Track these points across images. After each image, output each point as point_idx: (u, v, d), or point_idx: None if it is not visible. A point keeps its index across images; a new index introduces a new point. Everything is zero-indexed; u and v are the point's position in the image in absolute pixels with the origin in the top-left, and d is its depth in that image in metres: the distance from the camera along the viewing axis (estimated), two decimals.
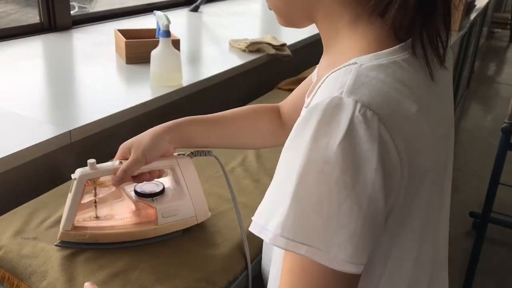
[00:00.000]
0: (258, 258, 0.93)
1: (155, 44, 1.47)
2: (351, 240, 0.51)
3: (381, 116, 0.51)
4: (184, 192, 0.91)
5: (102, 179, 0.88)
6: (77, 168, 0.86)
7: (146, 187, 0.93)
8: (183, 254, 0.88)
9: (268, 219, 0.53)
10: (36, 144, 1.07)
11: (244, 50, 1.86)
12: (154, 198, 0.91)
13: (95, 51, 1.78)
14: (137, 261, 0.85)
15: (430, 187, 0.59)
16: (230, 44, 1.94)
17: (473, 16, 3.34)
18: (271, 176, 0.56)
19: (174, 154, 0.91)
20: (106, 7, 2.28)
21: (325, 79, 0.58)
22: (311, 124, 0.52)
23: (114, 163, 0.86)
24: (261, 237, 0.54)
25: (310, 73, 0.97)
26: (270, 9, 0.69)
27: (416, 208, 0.58)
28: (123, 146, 0.88)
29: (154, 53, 1.46)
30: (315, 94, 0.60)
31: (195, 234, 0.94)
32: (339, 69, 0.57)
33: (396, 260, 0.60)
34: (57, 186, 1.06)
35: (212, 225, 0.97)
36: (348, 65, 0.56)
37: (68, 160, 1.21)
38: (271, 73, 1.98)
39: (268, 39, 1.92)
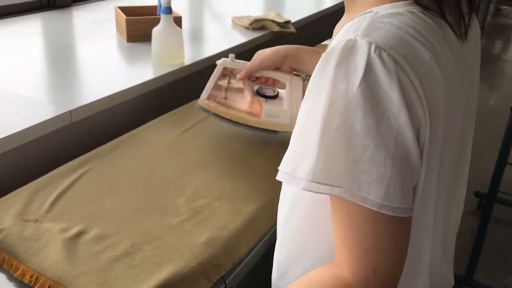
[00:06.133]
0: None
1: (156, 22, 1.44)
2: (381, 181, 0.52)
3: (395, 57, 0.52)
4: (287, 104, 1.11)
5: (236, 71, 1.13)
6: (78, 149, 0.84)
7: (265, 90, 1.15)
8: (193, 232, 0.87)
9: (296, 167, 0.55)
10: (36, 125, 1.05)
11: (247, 28, 1.82)
12: (267, 99, 1.13)
13: (95, 29, 1.75)
14: (141, 244, 0.84)
15: (449, 134, 0.60)
16: (233, 21, 1.90)
17: None
18: None
19: (293, 73, 1.09)
20: None
21: (339, 30, 0.60)
22: (328, 69, 0.53)
23: (246, 62, 1.11)
24: (291, 184, 0.56)
25: None
26: None
27: (437, 152, 0.59)
28: (257, 53, 1.09)
29: (155, 30, 1.43)
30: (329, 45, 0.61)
31: None
32: (353, 18, 0.58)
33: (425, 202, 0.61)
34: (57, 167, 1.04)
35: None
36: (363, 14, 0.57)
37: (68, 141, 1.19)
38: None
39: (272, 16, 1.88)
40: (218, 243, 0.85)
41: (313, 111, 0.54)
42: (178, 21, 1.61)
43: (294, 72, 1.09)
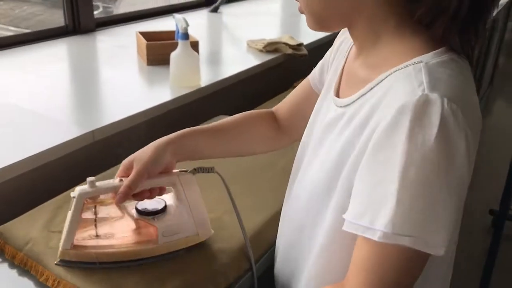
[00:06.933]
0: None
1: (174, 46, 1.52)
2: (444, 225, 0.56)
3: (462, 108, 0.56)
4: (186, 210, 0.88)
5: (102, 197, 0.86)
6: (100, 167, 0.85)
7: (148, 204, 0.89)
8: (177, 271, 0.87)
9: (374, 220, 0.57)
10: (60, 144, 1.13)
11: (261, 51, 1.90)
12: (156, 216, 0.88)
13: (117, 53, 1.85)
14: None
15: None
16: (248, 44, 1.98)
17: (496, 11, 3.31)
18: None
19: (176, 170, 0.88)
20: (129, 6, 2.34)
21: (383, 79, 0.63)
22: (403, 124, 0.56)
23: (114, 181, 0.84)
24: (366, 236, 0.58)
25: None
26: (302, 13, 0.71)
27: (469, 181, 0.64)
28: (124, 163, 0.85)
29: (173, 55, 1.52)
30: (366, 93, 0.64)
31: (197, 250, 0.91)
32: (401, 68, 0.61)
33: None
34: (81, 183, 1.11)
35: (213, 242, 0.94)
36: (413, 64, 0.60)
37: (91, 158, 1.27)
38: (288, 72, 2.01)
39: (285, 39, 1.96)
40: (225, 254, 0.91)
41: (389, 163, 0.56)
42: (195, 45, 1.70)
43: (175, 170, 0.88)
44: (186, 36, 1.49)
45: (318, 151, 0.75)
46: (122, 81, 1.58)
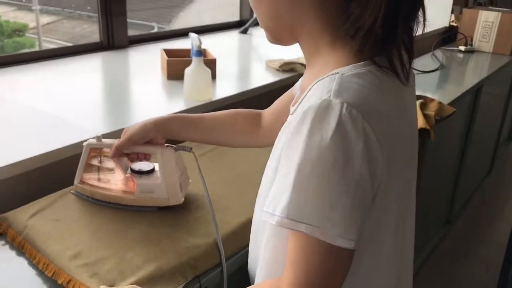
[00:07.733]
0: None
1: (190, 63, 1.64)
2: (342, 217, 0.62)
3: (363, 113, 0.62)
4: (160, 176, 1.09)
5: (107, 150, 1.11)
6: None
7: (140, 165, 1.12)
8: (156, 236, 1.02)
9: (275, 206, 0.65)
10: (68, 146, 1.25)
11: (278, 70, 1.99)
12: (142, 175, 1.11)
13: (144, 67, 1.99)
14: (136, 244, 1.00)
15: (401, 177, 0.71)
16: (266, 64, 2.08)
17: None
18: None
19: (167, 144, 1.08)
20: (181, 27, 2.49)
21: (311, 88, 0.70)
22: (305, 124, 0.63)
23: (114, 140, 1.09)
24: (270, 222, 0.66)
25: None
26: (262, 28, 0.80)
27: (394, 195, 0.70)
28: (124, 130, 1.08)
29: (187, 70, 1.63)
30: (301, 101, 0.72)
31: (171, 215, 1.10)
32: (323, 78, 0.68)
33: (378, 239, 0.72)
34: None
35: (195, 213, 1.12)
36: (332, 74, 0.67)
37: None
38: None
39: (302, 59, 2.04)
40: (198, 249, 0.99)
41: (290, 158, 0.63)
42: (213, 63, 1.82)
43: (166, 144, 1.08)
44: (199, 53, 1.60)
45: (272, 155, 0.83)
46: (143, 93, 1.71)
